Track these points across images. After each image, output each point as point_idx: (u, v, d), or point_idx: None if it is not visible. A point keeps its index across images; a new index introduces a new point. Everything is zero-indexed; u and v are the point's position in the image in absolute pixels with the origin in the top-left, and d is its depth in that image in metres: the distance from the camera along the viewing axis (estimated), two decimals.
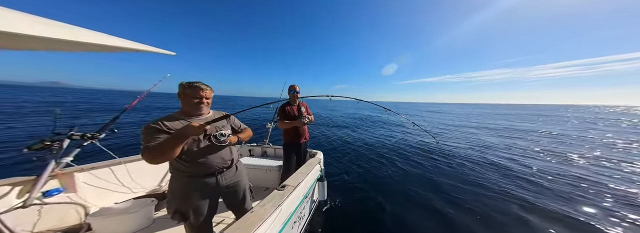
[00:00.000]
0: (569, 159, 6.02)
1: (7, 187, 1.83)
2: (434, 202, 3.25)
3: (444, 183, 4.04)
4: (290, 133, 2.71)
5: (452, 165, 5.29)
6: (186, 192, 1.30)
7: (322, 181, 2.38)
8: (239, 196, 1.54)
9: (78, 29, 1.18)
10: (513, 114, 28.14)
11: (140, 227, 2.03)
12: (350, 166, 5.38)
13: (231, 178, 1.47)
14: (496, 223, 2.69)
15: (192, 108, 1.33)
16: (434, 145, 7.48)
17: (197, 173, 1.31)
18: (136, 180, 2.82)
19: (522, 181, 4.18)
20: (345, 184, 4.06)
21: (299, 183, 1.73)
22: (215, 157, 1.36)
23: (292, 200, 1.56)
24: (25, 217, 1.74)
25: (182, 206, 1.30)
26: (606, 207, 3.16)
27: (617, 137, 10.20)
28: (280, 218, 1.35)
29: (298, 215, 1.90)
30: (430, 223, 2.67)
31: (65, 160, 2.15)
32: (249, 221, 1.16)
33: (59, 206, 1.94)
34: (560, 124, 15.31)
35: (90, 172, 2.42)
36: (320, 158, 2.70)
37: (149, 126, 1.18)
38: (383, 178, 4.35)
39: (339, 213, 2.96)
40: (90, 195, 2.35)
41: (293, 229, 1.92)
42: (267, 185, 3.06)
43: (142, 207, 2.07)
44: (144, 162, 3.34)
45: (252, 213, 1.24)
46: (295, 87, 2.74)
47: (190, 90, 1.29)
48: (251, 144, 4.03)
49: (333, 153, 6.50)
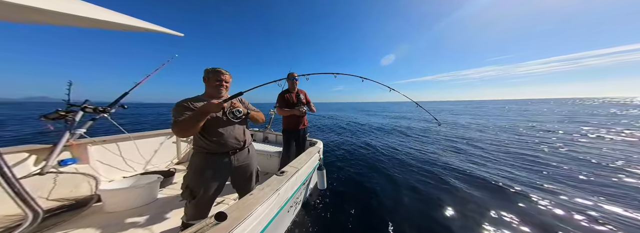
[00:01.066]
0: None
1: (25, 153, 1.93)
2: (433, 192, 3.28)
3: (445, 175, 4.04)
4: (289, 120, 2.78)
5: (456, 154, 5.28)
6: (202, 168, 1.43)
7: (321, 170, 2.42)
8: (246, 178, 1.66)
9: (87, 5, 1.18)
10: (514, 109, 27.38)
11: (145, 203, 2.12)
12: (351, 158, 5.44)
13: (243, 160, 1.60)
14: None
15: (214, 90, 1.50)
16: (433, 145, 7.41)
17: (214, 150, 1.44)
18: (144, 156, 2.94)
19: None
20: (344, 174, 4.12)
21: (298, 170, 1.76)
22: (230, 136, 1.50)
23: (290, 185, 1.60)
24: (41, 183, 1.84)
25: (195, 182, 1.41)
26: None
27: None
28: (277, 203, 1.39)
29: (294, 200, 1.96)
30: (430, 215, 2.69)
31: (79, 132, 2.25)
32: (247, 203, 1.20)
33: (72, 176, 2.04)
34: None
35: (101, 146, 2.53)
36: (320, 148, 2.74)
37: (178, 104, 1.37)
38: (383, 169, 4.40)
39: (336, 200, 3.03)
40: (101, 167, 2.47)
41: (289, 213, 1.99)
42: (267, 170, 3.14)
43: (148, 183, 2.15)
44: (151, 139, 3.44)
45: (250, 195, 1.29)
46: (293, 75, 2.72)
47: (213, 74, 1.48)
48: (253, 129, 4.10)
49: (333, 145, 6.53)
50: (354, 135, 9.18)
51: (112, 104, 2.51)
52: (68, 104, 2.21)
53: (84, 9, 1.12)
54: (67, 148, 2.21)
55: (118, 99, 2.56)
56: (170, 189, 2.49)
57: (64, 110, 2.15)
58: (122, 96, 2.58)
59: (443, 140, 7.70)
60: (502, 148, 6.16)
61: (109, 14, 1.24)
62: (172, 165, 3.24)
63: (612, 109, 23.52)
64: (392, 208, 2.91)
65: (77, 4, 1.15)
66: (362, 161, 5.26)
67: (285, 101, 2.77)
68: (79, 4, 1.15)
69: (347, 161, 5.23)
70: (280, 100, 2.81)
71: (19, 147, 1.96)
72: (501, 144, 6.74)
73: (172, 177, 2.65)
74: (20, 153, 1.91)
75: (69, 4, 1.06)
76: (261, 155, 3.19)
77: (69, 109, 2.19)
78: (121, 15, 1.32)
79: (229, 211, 1.07)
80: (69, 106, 2.20)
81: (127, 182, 2.22)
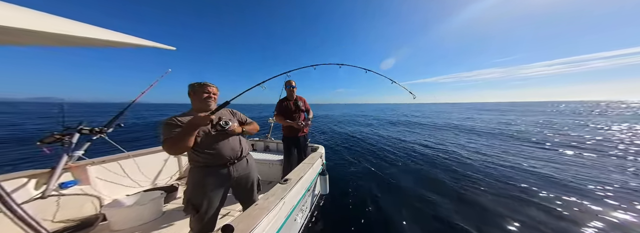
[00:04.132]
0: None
1: (24, 179, 1.91)
2: (434, 196, 3.29)
3: (447, 179, 4.06)
4: (288, 127, 2.77)
5: (456, 164, 5.30)
6: (201, 181, 1.42)
7: (324, 175, 2.42)
8: (247, 188, 1.65)
9: (82, 25, 1.18)
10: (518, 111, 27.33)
11: (151, 219, 2.11)
12: (353, 161, 5.44)
13: (242, 170, 1.57)
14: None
15: (202, 103, 1.47)
16: (434, 144, 7.45)
17: (211, 163, 1.43)
18: (145, 174, 2.91)
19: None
20: (347, 178, 4.12)
21: (301, 177, 1.77)
22: (226, 148, 1.47)
23: (295, 193, 1.60)
24: (45, 207, 1.82)
25: (196, 196, 1.40)
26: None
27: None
28: (283, 211, 1.39)
29: (300, 208, 1.95)
30: (430, 217, 2.71)
31: (77, 154, 2.23)
32: (253, 213, 1.19)
33: (75, 197, 2.02)
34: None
35: (101, 166, 2.51)
36: (322, 153, 2.74)
37: (165, 123, 1.36)
38: (386, 174, 4.41)
39: (341, 206, 3.02)
40: (103, 187, 2.44)
41: (296, 221, 1.97)
42: (270, 179, 3.13)
43: (152, 199, 2.14)
44: (151, 155, 3.39)
45: (256, 206, 1.28)
46: (291, 83, 2.73)
47: (199, 87, 1.46)
48: (254, 139, 4.09)
49: (335, 148, 6.54)
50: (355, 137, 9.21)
51: (108, 123, 2.49)
52: (63, 127, 2.19)
53: (73, 28, 1.09)
54: (66, 170, 2.19)
55: (114, 119, 2.54)
56: (175, 204, 2.47)
57: (59, 133, 2.13)
58: (118, 115, 2.57)
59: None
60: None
61: (97, 31, 1.22)
62: (174, 181, 3.21)
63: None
64: (397, 210, 2.91)
65: (62, 22, 1.12)
66: (363, 161, 5.28)
67: (284, 109, 2.77)
68: (66, 23, 1.12)
69: (349, 162, 5.23)
70: (278, 107, 2.82)
71: (17, 173, 1.94)
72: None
73: (175, 192, 2.64)
74: (19, 179, 1.89)
75: (53, 23, 1.03)
76: (263, 164, 3.17)
77: (64, 131, 2.17)
78: (110, 32, 1.30)
79: (235, 223, 1.06)
80: (64, 129, 2.19)
81: (131, 199, 2.20)
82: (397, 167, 4.86)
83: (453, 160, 5.18)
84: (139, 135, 9.65)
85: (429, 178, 4.08)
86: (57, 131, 2.14)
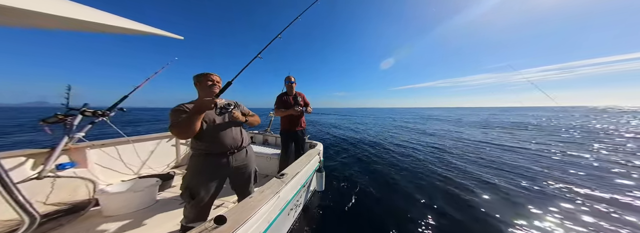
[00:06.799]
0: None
1: (22, 157, 1.91)
2: (428, 195, 3.26)
3: (444, 179, 4.03)
4: (286, 121, 2.83)
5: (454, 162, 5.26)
6: (200, 168, 1.46)
7: (321, 172, 2.41)
8: (245, 179, 1.68)
9: (87, 8, 1.18)
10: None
11: (144, 206, 2.10)
12: (352, 161, 5.43)
13: (241, 160, 1.62)
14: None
15: (208, 90, 1.53)
16: (434, 146, 7.41)
17: (212, 151, 1.48)
18: (143, 160, 2.92)
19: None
20: (344, 177, 4.11)
21: (298, 173, 1.76)
22: (227, 137, 1.53)
23: (290, 188, 1.59)
24: (39, 188, 1.82)
25: (194, 182, 1.43)
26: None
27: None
28: (278, 205, 1.38)
29: (294, 203, 1.94)
30: (426, 217, 2.68)
31: (78, 135, 2.24)
32: (247, 206, 1.19)
33: (70, 180, 2.02)
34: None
35: (100, 149, 2.51)
36: (320, 150, 2.73)
37: (175, 109, 1.43)
38: (383, 173, 4.39)
39: (335, 204, 3.01)
40: (99, 171, 2.45)
41: (289, 216, 1.97)
42: (266, 173, 3.13)
43: (147, 186, 2.13)
44: (150, 142, 3.41)
45: (250, 198, 1.27)
46: (290, 78, 2.82)
47: (203, 77, 1.54)
48: (253, 132, 4.10)
49: (333, 148, 6.52)
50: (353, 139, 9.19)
51: (111, 107, 2.50)
52: (67, 108, 2.21)
53: (86, 13, 1.11)
54: (65, 152, 2.20)
55: (117, 103, 2.55)
56: (169, 192, 2.46)
57: (62, 114, 2.14)
58: (121, 100, 2.58)
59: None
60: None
61: (108, 17, 1.23)
62: (170, 169, 3.22)
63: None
64: (391, 209, 2.90)
65: (77, 7, 1.13)
66: (362, 161, 5.26)
67: (283, 103, 2.83)
68: (79, 8, 1.14)
69: (347, 162, 5.22)
70: (278, 102, 2.87)
71: (17, 151, 1.94)
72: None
73: (170, 181, 2.63)
74: (17, 158, 1.89)
75: (68, 7, 1.05)
76: (261, 158, 3.18)
77: (68, 112, 2.19)
78: (120, 18, 1.31)
79: (228, 214, 1.05)
80: (68, 110, 2.20)
81: (126, 185, 2.19)
82: (397, 167, 4.82)
83: (452, 160, 5.14)
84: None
85: (429, 180, 4.04)
86: (60, 112, 2.15)
